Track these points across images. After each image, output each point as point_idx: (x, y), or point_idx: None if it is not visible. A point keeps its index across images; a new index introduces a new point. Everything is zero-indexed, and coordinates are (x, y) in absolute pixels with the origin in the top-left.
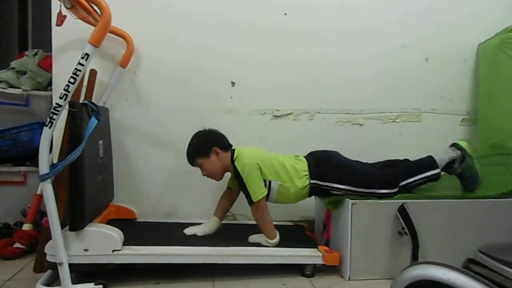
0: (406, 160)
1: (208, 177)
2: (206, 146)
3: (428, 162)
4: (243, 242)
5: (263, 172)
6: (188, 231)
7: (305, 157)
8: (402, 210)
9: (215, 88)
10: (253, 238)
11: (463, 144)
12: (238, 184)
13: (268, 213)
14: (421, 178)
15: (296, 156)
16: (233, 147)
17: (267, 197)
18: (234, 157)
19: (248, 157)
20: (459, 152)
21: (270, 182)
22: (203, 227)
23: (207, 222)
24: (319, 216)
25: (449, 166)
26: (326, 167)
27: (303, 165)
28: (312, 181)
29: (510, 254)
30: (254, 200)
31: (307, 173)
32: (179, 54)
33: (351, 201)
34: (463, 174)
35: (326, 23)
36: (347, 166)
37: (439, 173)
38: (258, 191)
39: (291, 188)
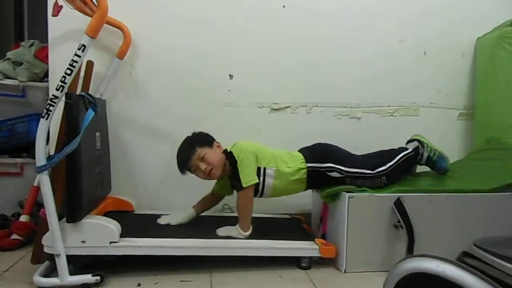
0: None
1: (207, 174)
2: (208, 139)
3: (400, 149)
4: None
5: (259, 158)
6: (162, 220)
7: (298, 151)
8: (399, 204)
9: (212, 80)
10: (222, 231)
11: (413, 136)
12: (231, 172)
13: (252, 204)
14: (400, 158)
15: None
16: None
17: (262, 191)
18: (230, 148)
19: (244, 144)
20: (415, 141)
21: (265, 169)
22: (177, 217)
23: (181, 212)
24: (315, 209)
25: (417, 154)
26: (320, 151)
27: (298, 154)
28: (309, 165)
29: (505, 247)
30: (244, 185)
31: (303, 159)
32: (177, 46)
33: (347, 194)
34: (430, 157)
35: (325, 16)
36: (339, 150)
37: (412, 151)
38: (250, 177)
39: (288, 172)
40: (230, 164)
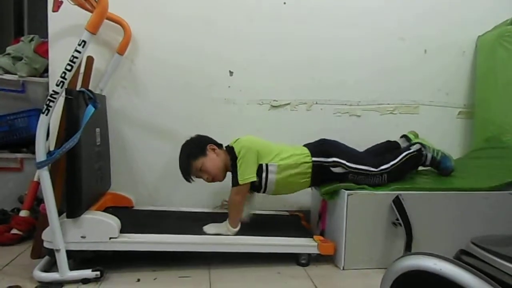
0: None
1: (210, 180)
2: (200, 146)
3: (402, 149)
4: (239, 231)
5: (261, 154)
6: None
7: (303, 146)
8: (397, 201)
9: (212, 77)
10: (210, 229)
11: (412, 135)
12: (231, 167)
13: (244, 202)
14: (403, 156)
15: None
16: (224, 145)
17: (265, 187)
18: (231, 143)
19: (247, 140)
20: (417, 144)
21: (267, 165)
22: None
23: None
24: (314, 206)
25: (420, 155)
26: (325, 146)
27: (304, 148)
28: (314, 159)
29: (503, 246)
30: (240, 182)
31: (308, 153)
32: (177, 43)
33: (347, 191)
34: (434, 157)
35: (326, 13)
36: (343, 146)
37: (415, 151)
38: (247, 175)
39: (291, 164)
40: (231, 159)
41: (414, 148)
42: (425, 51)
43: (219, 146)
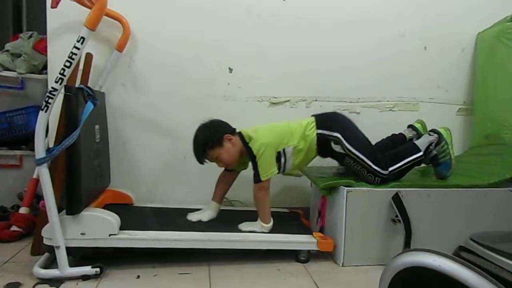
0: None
1: (223, 166)
2: (217, 135)
3: (412, 147)
4: (238, 228)
5: (277, 144)
6: (193, 217)
7: (313, 115)
8: (396, 198)
9: (212, 74)
10: (245, 226)
11: (441, 130)
12: (251, 162)
13: (269, 196)
14: (407, 162)
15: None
16: (237, 130)
17: (284, 168)
18: (248, 139)
19: (264, 136)
20: (436, 135)
21: (284, 149)
22: (207, 213)
23: (208, 208)
24: (314, 203)
25: (427, 149)
26: (332, 119)
27: (311, 119)
28: (319, 131)
29: (501, 242)
30: (263, 178)
31: (314, 124)
32: (176, 39)
33: (346, 188)
34: (437, 157)
35: (325, 10)
36: (352, 127)
37: (422, 155)
38: (268, 171)
39: (303, 144)
40: (249, 156)
41: (428, 141)
42: (425, 48)
43: (234, 133)
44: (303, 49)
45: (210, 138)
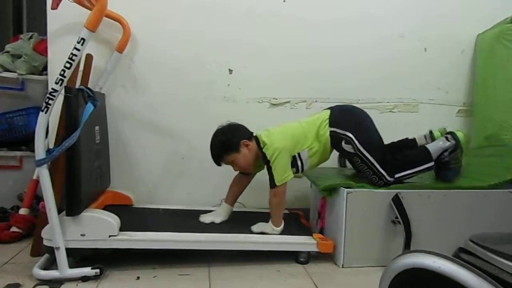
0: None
1: (238, 170)
2: (235, 140)
3: (424, 154)
4: (239, 229)
5: (292, 148)
6: (206, 219)
7: (329, 108)
8: (396, 200)
9: (212, 75)
10: (257, 227)
11: (460, 135)
12: (266, 167)
13: (284, 201)
14: (417, 171)
15: (319, 113)
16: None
17: (302, 168)
18: (262, 144)
19: (278, 140)
20: (453, 142)
21: (299, 153)
22: (219, 215)
23: (221, 209)
24: (314, 204)
25: (440, 156)
26: (346, 116)
27: (325, 116)
28: (331, 129)
29: (501, 244)
30: (277, 183)
31: (327, 122)
32: (176, 40)
33: (346, 190)
34: (449, 163)
35: (325, 11)
36: (368, 123)
37: (434, 165)
38: (282, 176)
39: (317, 146)
40: (264, 162)
41: (443, 147)
42: (425, 49)
43: (251, 138)
44: (303, 50)
45: (227, 143)
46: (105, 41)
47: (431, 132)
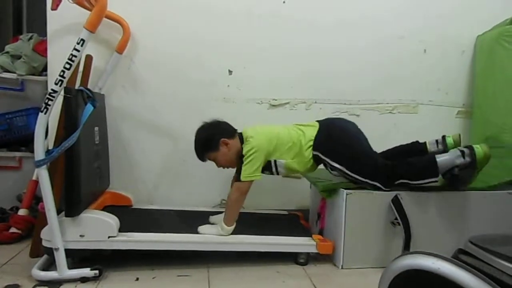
0: (419, 144)
1: (224, 167)
2: (213, 139)
3: (430, 168)
4: (238, 230)
5: (270, 152)
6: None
7: (319, 121)
8: (396, 201)
9: (212, 76)
10: (205, 229)
11: (479, 152)
12: (239, 159)
13: (243, 201)
14: (417, 184)
15: (308, 124)
16: (239, 131)
17: (277, 173)
18: (245, 140)
19: (259, 139)
20: (469, 160)
21: (275, 161)
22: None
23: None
24: (313, 205)
25: (450, 170)
26: (332, 142)
27: (311, 133)
28: (314, 152)
29: (500, 245)
30: (242, 179)
31: (312, 143)
32: (176, 41)
33: (345, 191)
34: (458, 178)
35: (325, 12)
36: (353, 148)
37: (437, 181)
38: (251, 173)
39: (296, 164)
40: (240, 156)
41: (456, 159)
42: (424, 50)
43: (233, 135)
44: (303, 51)
45: (207, 142)
46: (104, 41)
47: (443, 137)
